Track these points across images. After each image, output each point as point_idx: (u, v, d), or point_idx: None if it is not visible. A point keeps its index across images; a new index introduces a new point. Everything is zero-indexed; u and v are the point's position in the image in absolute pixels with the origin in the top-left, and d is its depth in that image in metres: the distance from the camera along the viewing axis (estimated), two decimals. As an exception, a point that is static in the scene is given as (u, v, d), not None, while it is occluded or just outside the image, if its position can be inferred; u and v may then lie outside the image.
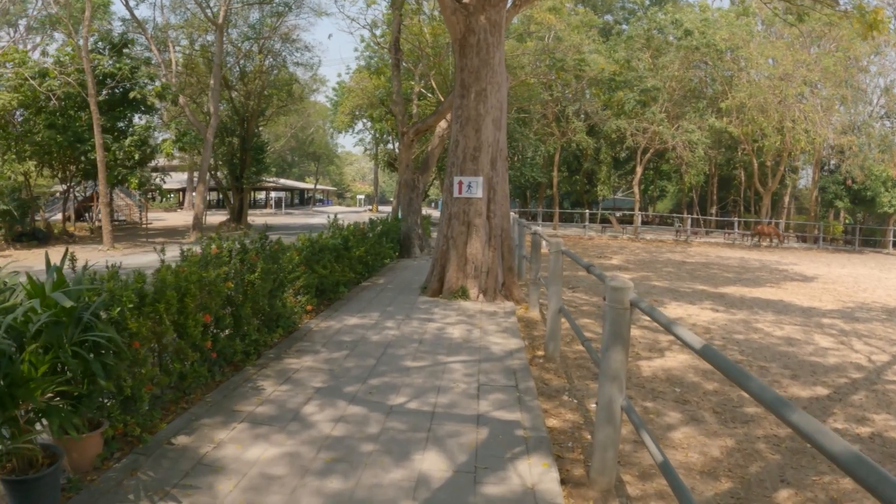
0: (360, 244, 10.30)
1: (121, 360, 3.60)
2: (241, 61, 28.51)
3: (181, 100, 24.24)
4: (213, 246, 5.44)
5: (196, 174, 30.28)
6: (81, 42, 17.63)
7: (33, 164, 19.43)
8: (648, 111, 29.43)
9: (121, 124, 21.40)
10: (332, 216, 10.69)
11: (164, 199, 59.58)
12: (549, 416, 4.82)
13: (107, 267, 4.07)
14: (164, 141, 20.91)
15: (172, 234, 25.61)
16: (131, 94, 21.35)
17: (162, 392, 4.46)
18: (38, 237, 19.65)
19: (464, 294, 9.58)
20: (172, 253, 5.18)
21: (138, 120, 22.45)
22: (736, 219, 31.45)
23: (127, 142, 20.29)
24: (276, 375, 5.38)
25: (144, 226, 31.43)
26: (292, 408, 4.61)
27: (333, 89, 44.14)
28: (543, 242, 9.66)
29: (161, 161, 46.96)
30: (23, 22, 25.70)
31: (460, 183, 9.63)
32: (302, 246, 7.89)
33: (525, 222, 12.49)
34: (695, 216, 36.36)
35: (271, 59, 28.76)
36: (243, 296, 5.53)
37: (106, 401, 3.71)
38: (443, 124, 16.51)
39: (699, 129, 29.71)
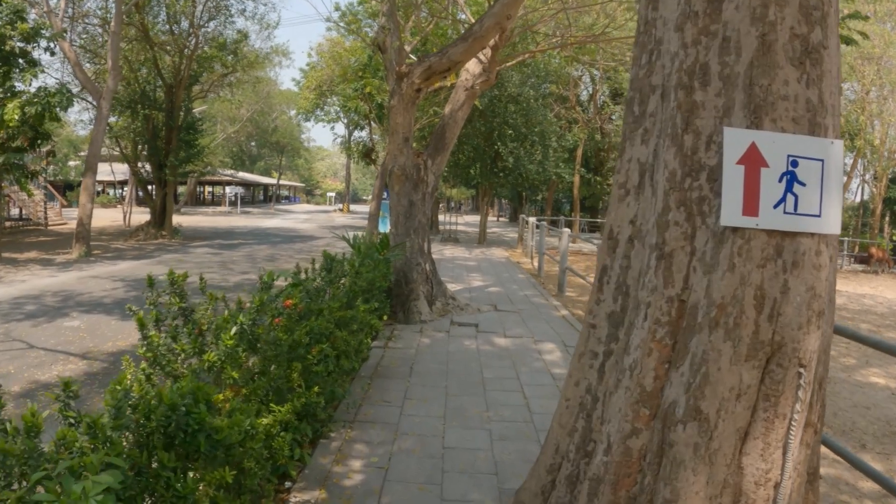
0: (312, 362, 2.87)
1: None
2: (168, 7, 20.65)
3: (65, 48, 16.31)
4: None
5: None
6: None
7: None
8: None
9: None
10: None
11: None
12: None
13: None
14: (8, 104, 12.75)
15: (62, 244, 17.77)
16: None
17: None
18: None
19: None
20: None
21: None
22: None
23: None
24: None
25: (44, 226, 23.65)
26: None
27: (301, 70, 36.54)
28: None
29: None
30: None
31: (754, 164, 2.19)
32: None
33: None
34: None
35: (210, 4, 20.87)
36: None
37: None
38: (473, 67, 9.01)
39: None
